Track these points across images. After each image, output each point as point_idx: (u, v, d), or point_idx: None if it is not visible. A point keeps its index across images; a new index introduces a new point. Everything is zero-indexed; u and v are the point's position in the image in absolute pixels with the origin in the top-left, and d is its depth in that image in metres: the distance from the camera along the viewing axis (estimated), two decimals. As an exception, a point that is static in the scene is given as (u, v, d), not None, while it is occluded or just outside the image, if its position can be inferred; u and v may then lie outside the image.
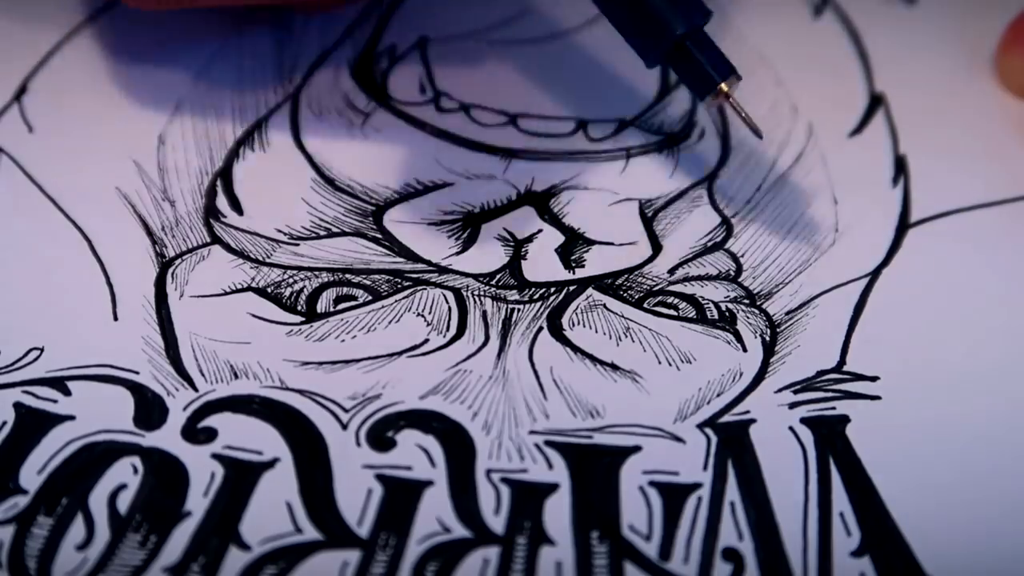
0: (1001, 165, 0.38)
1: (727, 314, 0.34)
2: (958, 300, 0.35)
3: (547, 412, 0.31)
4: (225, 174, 0.37)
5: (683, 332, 0.33)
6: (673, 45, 0.33)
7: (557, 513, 0.29)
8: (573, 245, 0.36)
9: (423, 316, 0.34)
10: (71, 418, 0.31)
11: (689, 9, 0.33)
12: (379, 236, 0.36)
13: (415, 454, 0.30)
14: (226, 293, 0.34)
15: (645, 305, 0.34)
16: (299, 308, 0.34)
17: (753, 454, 0.31)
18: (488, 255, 0.35)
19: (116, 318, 0.33)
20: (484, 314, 0.34)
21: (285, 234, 0.36)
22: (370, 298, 0.34)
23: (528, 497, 0.30)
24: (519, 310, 0.34)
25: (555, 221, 0.36)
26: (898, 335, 0.34)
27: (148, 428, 0.31)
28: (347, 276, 0.34)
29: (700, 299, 0.34)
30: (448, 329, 0.33)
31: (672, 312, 0.34)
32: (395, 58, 0.42)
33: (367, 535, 0.29)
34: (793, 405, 0.32)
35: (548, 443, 0.31)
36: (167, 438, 0.30)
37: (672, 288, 0.35)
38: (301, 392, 0.32)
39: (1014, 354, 0.33)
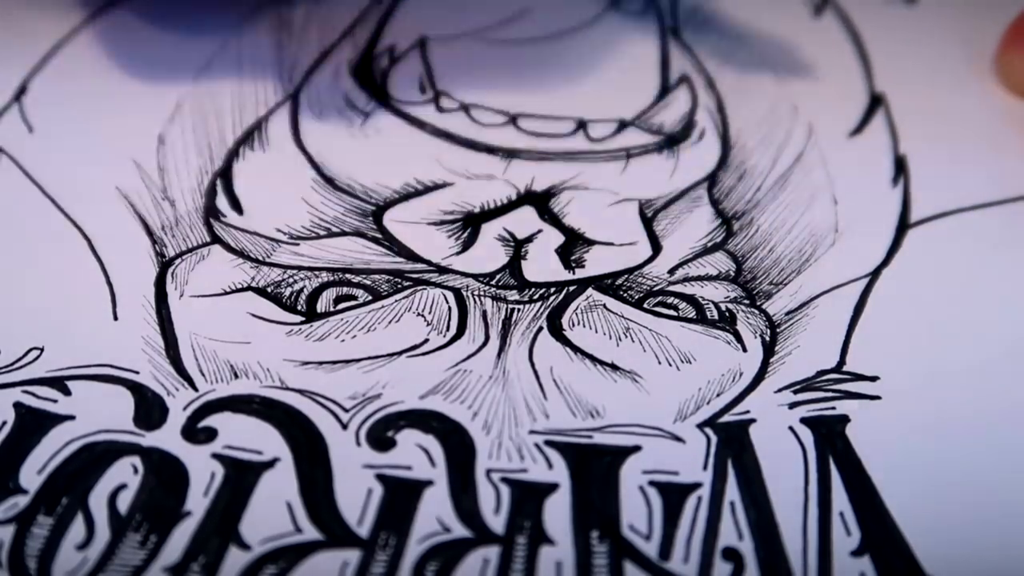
0: (1001, 165, 0.38)
1: (727, 314, 0.34)
2: (958, 300, 0.35)
3: (547, 412, 0.31)
4: (225, 174, 0.37)
5: (683, 332, 0.33)
6: None
7: (557, 513, 0.29)
8: (573, 245, 0.36)
9: (423, 316, 0.34)
10: (71, 418, 0.31)
11: None
12: (379, 236, 0.36)
13: (415, 454, 0.30)
14: (226, 293, 0.34)
15: (645, 305, 0.34)
16: (299, 308, 0.34)
17: (753, 454, 0.31)
18: (488, 255, 0.35)
19: (116, 318, 0.33)
20: (484, 314, 0.34)
21: (285, 234, 0.36)
22: (370, 298, 0.34)
23: (528, 497, 0.30)
24: (519, 310, 0.34)
25: (555, 221, 0.36)
26: (898, 335, 0.34)
27: (148, 428, 0.31)
28: (347, 276, 0.34)
29: (700, 299, 0.34)
30: (448, 329, 0.33)
31: (672, 312, 0.34)
32: (395, 58, 0.42)
33: (367, 535, 0.29)
34: (793, 405, 0.32)
35: (548, 443, 0.31)
36: (167, 438, 0.30)
37: (672, 288, 0.35)
38: (301, 392, 0.32)
39: (1014, 354, 0.33)
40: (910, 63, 0.42)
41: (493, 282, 0.35)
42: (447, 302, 0.34)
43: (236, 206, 0.36)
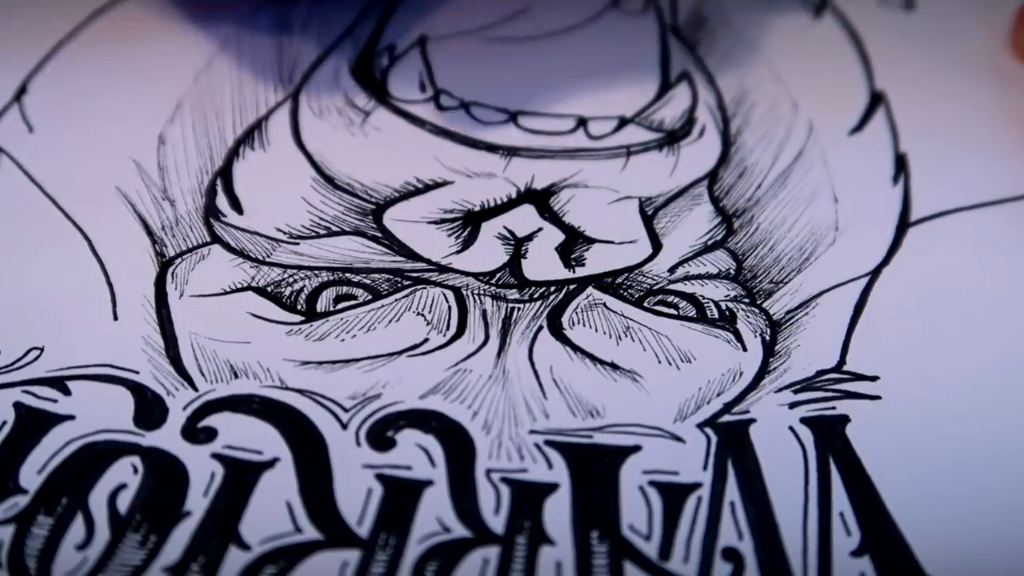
0: (1001, 164, 0.38)
1: (727, 313, 0.34)
2: (958, 299, 0.35)
3: (547, 412, 0.31)
4: (225, 173, 0.37)
5: (683, 331, 0.33)
6: None
7: (557, 513, 0.29)
8: (573, 244, 0.36)
9: (423, 315, 0.34)
10: (71, 418, 0.31)
11: None
12: (379, 235, 0.36)
13: (415, 454, 0.30)
14: (226, 292, 0.34)
15: (645, 304, 0.34)
16: (299, 307, 0.34)
17: (753, 454, 0.31)
18: (488, 254, 0.35)
19: (116, 318, 0.33)
20: (484, 313, 0.34)
21: (285, 233, 0.36)
22: (370, 297, 0.34)
23: (528, 497, 0.30)
24: (519, 309, 0.34)
25: (555, 219, 0.36)
26: (898, 335, 0.34)
27: (148, 428, 0.31)
28: (347, 275, 0.34)
29: (700, 298, 0.34)
30: (448, 328, 0.33)
31: (672, 311, 0.34)
32: (395, 56, 0.41)
33: (367, 535, 0.29)
34: (793, 405, 0.32)
35: (548, 443, 0.31)
36: (167, 438, 0.30)
37: (672, 287, 0.35)
38: (301, 392, 0.32)
39: (1014, 353, 0.33)
40: (910, 62, 0.42)
41: (493, 281, 0.35)
42: (447, 301, 0.34)
43: (236, 206, 0.36)
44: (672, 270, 0.35)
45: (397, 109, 0.40)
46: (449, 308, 0.34)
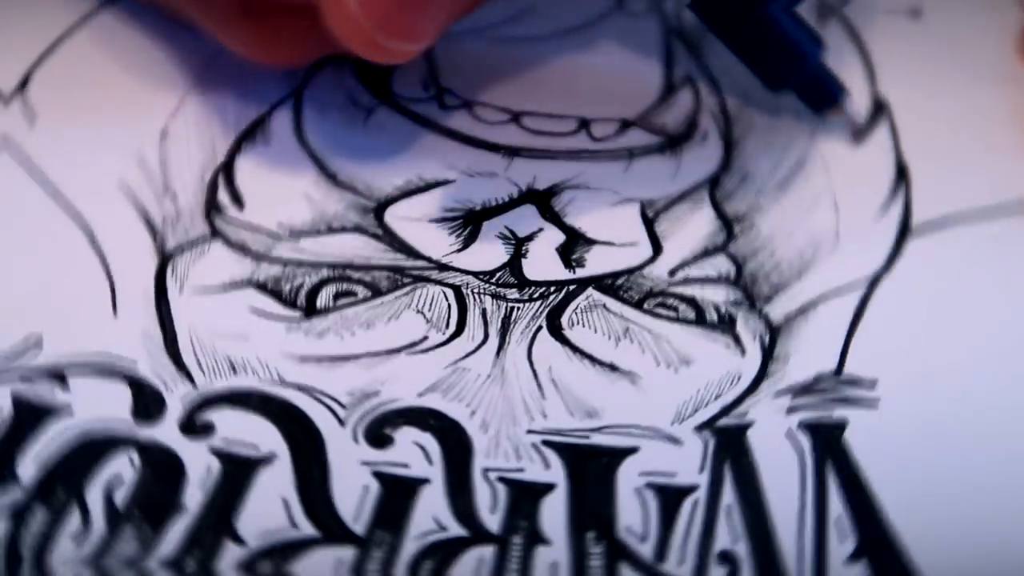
0: (1003, 174, 0.38)
1: (726, 317, 0.34)
2: (958, 307, 0.35)
3: (545, 412, 0.31)
4: (227, 168, 0.37)
5: (682, 334, 0.33)
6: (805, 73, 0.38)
7: (553, 513, 0.29)
8: (574, 245, 0.36)
9: (423, 313, 0.34)
10: (69, 411, 0.31)
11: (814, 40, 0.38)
12: (380, 232, 0.36)
13: (412, 451, 0.30)
14: (226, 288, 0.34)
15: (645, 306, 0.34)
16: (299, 303, 0.34)
17: (750, 458, 0.31)
18: (489, 253, 0.35)
19: (116, 311, 0.33)
20: (484, 312, 0.34)
21: (286, 229, 0.36)
22: (370, 294, 0.34)
23: (525, 497, 0.30)
24: (519, 309, 0.34)
25: (556, 220, 0.36)
26: (898, 341, 0.34)
27: (146, 421, 0.31)
28: (347, 272, 0.34)
29: (700, 301, 0.34)
30: (447, 327, 0.33)
31: (671, 314, 0.34)
32: (398, 55, 0.41)
33: (363, 532, 0.29)
34: (791, 409, 0.32)
35: (545, 443, 0.31)
36: (165, 432, 0.31)
37: (672, 290, 0.35)
38: (299, 388, 0.32)
39: (1014, 361, 0.33)
40: (915, 70, 0.42)
41: (493, 280, 0.35)
42: (447, 299, 0.34)
43: (237, 201, 0.36)
44: (672, 273, 0.35)
45: (400, 107, 0.40)
46: (449, 306, 0.34)
